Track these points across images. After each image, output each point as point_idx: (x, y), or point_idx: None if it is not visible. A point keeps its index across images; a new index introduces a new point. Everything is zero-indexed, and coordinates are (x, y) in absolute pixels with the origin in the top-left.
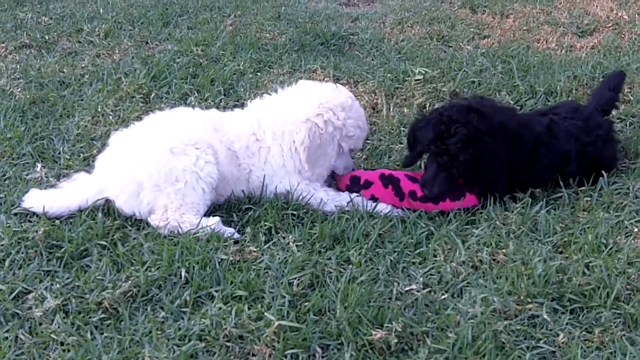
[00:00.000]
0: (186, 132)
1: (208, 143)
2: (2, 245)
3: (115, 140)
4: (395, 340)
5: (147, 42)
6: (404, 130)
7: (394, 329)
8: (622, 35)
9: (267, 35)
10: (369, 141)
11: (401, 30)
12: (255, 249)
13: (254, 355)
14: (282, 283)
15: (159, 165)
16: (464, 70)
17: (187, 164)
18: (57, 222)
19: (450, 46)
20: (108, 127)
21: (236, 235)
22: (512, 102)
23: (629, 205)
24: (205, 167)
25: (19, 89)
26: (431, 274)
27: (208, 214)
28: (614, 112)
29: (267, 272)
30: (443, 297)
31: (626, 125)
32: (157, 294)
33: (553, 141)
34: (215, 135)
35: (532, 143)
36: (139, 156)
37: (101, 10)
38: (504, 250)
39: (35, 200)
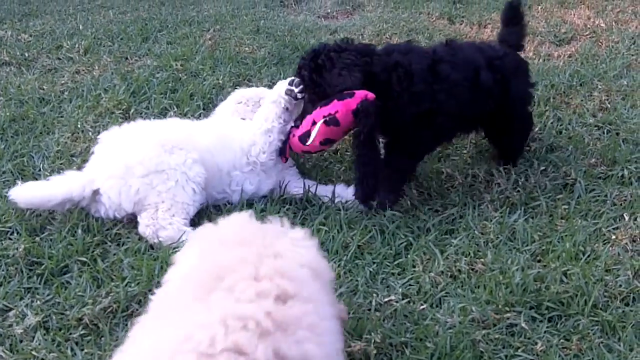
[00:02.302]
0: (171, 133)
1: (192, 143)
2: None
3: (105, 136)
4: (375, 352)
5: (126, 58)
6: (383, 142)
7: (372, 340)
8: (600, 43)
9: (246, 49)
10: (347, 152)
11: (380, 41)
12: None
13: None
14: None
15: (150, 154)
16: None
17: (178, 162)
18: (37, 239)
19: None
20: (88, 144)
21: None
22: None
23: (607, 213)
24: (194, 167)
25: None
26: (410, 285)
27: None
28: (591, 120)
29: None
30: (422, 307)
31: (603, 133)
32: (137, 309)
33: (454, 56)
34: (200, 131)
35: (427, 61)
36: (130, 145)
37: (81, 27)
38: (482, 260)
39: (20, 191)
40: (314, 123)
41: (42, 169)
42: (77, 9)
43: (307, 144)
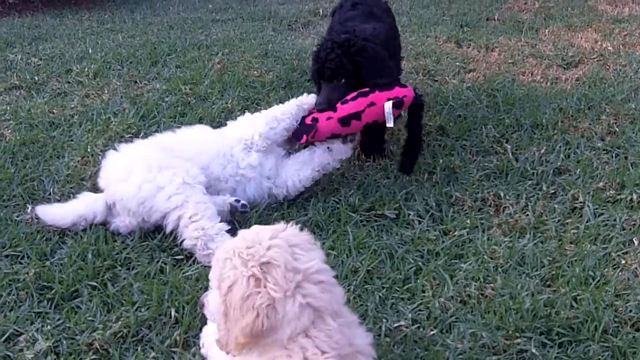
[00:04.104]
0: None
1: (182, 146)
2: None
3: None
4: None
5: (135, 82)
6: (392, 165)
7: None
8: (607, 67)
9: (255, 72)
10: (357, 175)
11: None
12: None
13: None
14: None
15: (151, 151)
16: (450, 105)
17: (177, 165)
18: (48, 263)
19: (436, 80)
20: (97, 168)
21: None
22: (497, 136)
23: (616, 237)
24: (191, 170)
25: (9, 131)
26: (420, 310)
27: None
28: (599, 144)
29: None
30: (432, 333)
31: (612, 157)
32: (147, 334)
33: None
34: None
35: None
36: (129, 151)
37: (90, 51)
38: (492, 285)
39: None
40: (372, 105)
41: (52, 193)
42: (86, 33)
43: (389, 125)
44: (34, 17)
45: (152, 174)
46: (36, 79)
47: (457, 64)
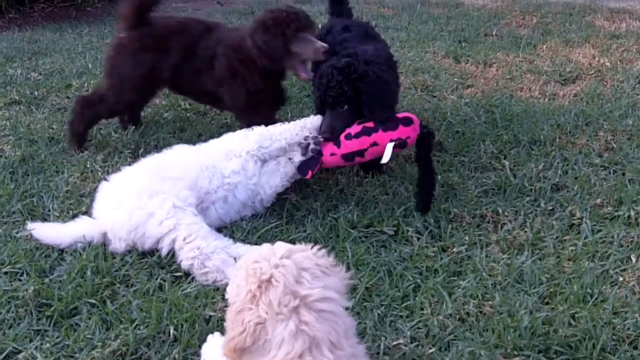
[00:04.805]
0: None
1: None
2: None
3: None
4: None
5: None
6: (390, 181)
7: None
8: (605, 83)
9: None
10: (356, 191)
11: None
12: None
13: None
14: None
15: (140, 178)
16: (448, 120)
17: (167, 188)
18: (47, 280)
19: (435, 96)
20: (97, 184)
21: None
22: (496, 152)
23: (614, 254)
24: (181, 192)
25: (9, 146)
26: (418, 328)
27: None
28: (597, 160)
29: None
30: (430, 351)
31: (610, 173)
32: (146, 353)
33: None
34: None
35: None
36: (122, 179)
37: (90, 66)
38: (490, 302)
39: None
40: (374, 145)
41: (51, 210)
42: (86, 48)
43: (383, 162)
44: (34, 32)
45: (142, 201)
46: (36, 94)
47: (456, 79)
